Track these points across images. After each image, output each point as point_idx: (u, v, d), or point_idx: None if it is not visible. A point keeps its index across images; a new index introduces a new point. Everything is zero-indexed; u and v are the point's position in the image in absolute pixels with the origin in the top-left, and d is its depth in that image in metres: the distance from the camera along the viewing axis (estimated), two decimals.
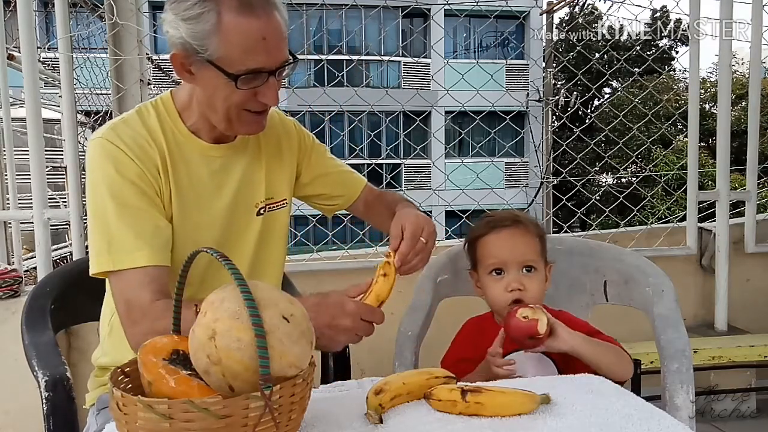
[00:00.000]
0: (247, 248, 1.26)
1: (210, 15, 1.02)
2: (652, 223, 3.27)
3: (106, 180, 1.10)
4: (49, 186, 2.15)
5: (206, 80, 1.09)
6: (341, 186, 1.43)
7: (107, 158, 1.10)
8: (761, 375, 2.51)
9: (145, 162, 1.12)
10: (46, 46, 4.39)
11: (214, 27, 1.03)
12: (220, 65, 1.05)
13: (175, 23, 1.05)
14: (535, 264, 1.27)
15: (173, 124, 1.18)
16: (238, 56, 1.04)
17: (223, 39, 1.03)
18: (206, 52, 1.04)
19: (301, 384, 0.77)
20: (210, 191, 1.20)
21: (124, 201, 1.09)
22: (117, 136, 1.12)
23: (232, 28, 1.03)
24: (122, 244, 1.07)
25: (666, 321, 1.39)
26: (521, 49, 16.41)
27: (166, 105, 1.20)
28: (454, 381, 0.98)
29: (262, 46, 1.05)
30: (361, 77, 14.40)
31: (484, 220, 1.35)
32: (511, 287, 1.25)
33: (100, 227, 1.10)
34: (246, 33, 1.03)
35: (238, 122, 1.14)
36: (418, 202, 3.72)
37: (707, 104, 14.10)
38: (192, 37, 1.04)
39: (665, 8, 11.13)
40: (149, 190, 1.12)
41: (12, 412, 2.01)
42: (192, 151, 1.19)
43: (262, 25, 1.04)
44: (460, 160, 4.82)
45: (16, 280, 2.03)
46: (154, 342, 0.84)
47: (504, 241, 1.28)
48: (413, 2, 9.52)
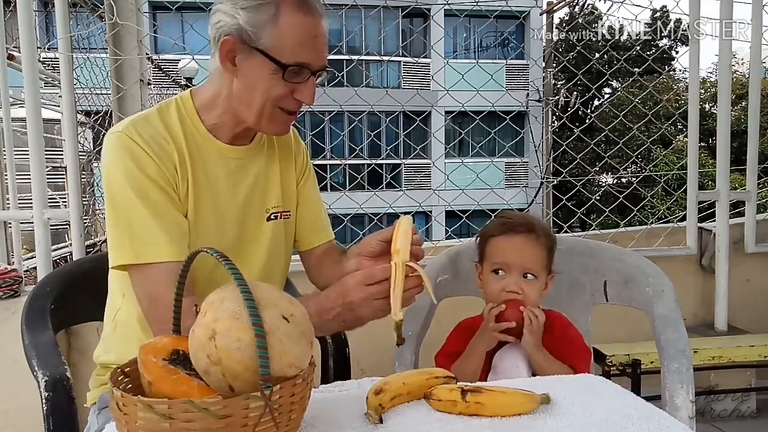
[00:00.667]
0: (259, 254, 1.26)
1: (269, 7, 1.08)
2: (652, 223, 3.27)
3: (126, 174, 1.10)
4: (49, 186, 2.14)
5: (251, 70, 1.11)
6: (311, 226, 1.38)
7: (127, 153, 1.11)
8: (761, 375, 2.51)
9: (164, 159, 1.13)
10: (46, 46, 4.39)
11: (273, 18, 1.08)
12: (271, 54, 1.09)
13: (232, 11, 1.09)
14: (537, 273, 1.31)
15: (192, 124, 1.19)
16: (290, 48, 1.09)
17: (279, 30, 1.08)
18: (259, 40, 1.08)
19: (301, 384, 0.77)
20: (225, 191, 1.21)
21: (146, 195, 1.10)
22: (137, 132, 1.12)
23: (288, 21, 1.08)
24: (145, 236, 1.08)
25: (666, 321, 1.39)
26: (521, 49, 16.41)
27: (186, 104, 1.21)
28: (454, 381, 0.98)
29: (312, 43, 1.11)
30: (361, 77, 14.40)
31: (501, 221, 1.37)
32: (510, 289, 1.29)
33: (122, 220, 1.10)
34: (301, 27, 1.09)
35: (269, 119, 1.16)
36: (418, 202, 3.74)
37: (707, 104, 14.10)
38: (249, 24, 1.08)
39: (665, 8, 11.15)
40: (167, 187, 1.13)
41: (12, 412, 2.01)
42: (210, 152, 1.20)
43: (315, 24, 1.11)
44: (460, 160, 4.83)
45: (16, 280, 2.03)
46: (154, 342, 0.84)
47: (514, 246, 1.31)
48: (413, 2, 9.52)
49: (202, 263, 1.03)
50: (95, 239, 3.88)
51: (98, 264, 1.29)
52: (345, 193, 2.83)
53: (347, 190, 2.88)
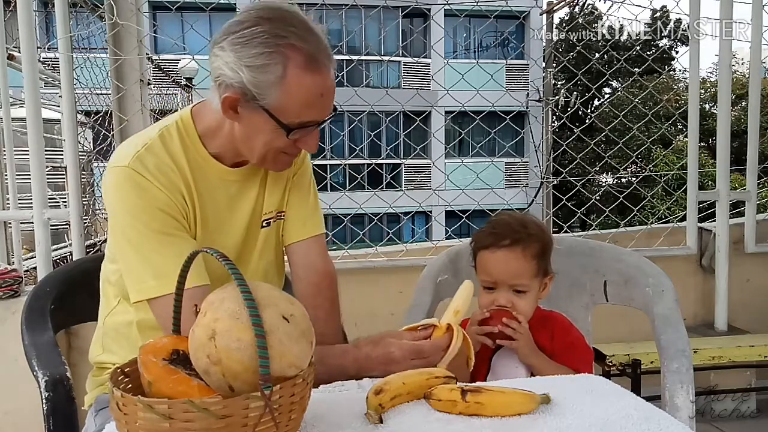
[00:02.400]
0: (253, 258, 1.27)
1: (276, 68, 1.02)
2: (652, 223, 3.27)
3: (137, 208, 1.10)
4: (49, 186, 2.14)
5: (252, 123, 1.09)
6: (299, 219, 1.33)
7: (135, 187, 1.10)
8: (761, 375, 2.51)
9: (172, 190, 1.12)
10: (46, 46, 4.38)
11: (279, 79, 1.03)
12: (276, 115, 1.06)
13: (236, 66, 1.03)
14: (526, 287, 1.27)
15: (194, 149, 1.17)
16: (296, 109, 1.06)
17: (285, 91, 1.04)
18: (263, 99, 1.04)
19: (301, 384, 0.77)
20: (228, 213, 1.22)
21: (159, 229, 1.10)
22: (143, 165, 1.11)
23: (295, 83, 1.04)
24: (165, 269, 1.07)
25: (666, 321, 1.39)
26: (521, 49, 16.41)
27: (187, 127, 1.18)
28: (454, 381, 0.98)
29: (319, 102, 1.07)
30: (361, 77, 14.40)
31: (489, 229, 1.32)
32: (498, 303, 1.26)
33: (139, 256, 1.10)
34: (308, 89, 1.05)
35: (272, 162, 1.16)
36: (418, 202, 3.73)
37: (707, 104, 14.10)
38: (253, 85, 1.03)
39: (665, 8, 11.13)
40: (178, 216, 1.13)
41: (12, 412, 2.01)
42: (212, 174, 1.19)
43: (323, 82, 1.06)
44: (460, 160, 4.83)
45: (16, 280, 2.03)
46: (154, 342, 0.84)
47: (497, 262, 1.27)
48: (413, 2, 9.52)
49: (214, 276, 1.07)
50: (95, 239, 3.88)
51: (98, 264, 1.29)
52: (345, 193, 2.83)
53: (347, 190, 2.88)
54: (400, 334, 1.14)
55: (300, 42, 1.03)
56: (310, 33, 1.05)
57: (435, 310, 1.54)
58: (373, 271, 2.43)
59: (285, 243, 1.34)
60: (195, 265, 1.08)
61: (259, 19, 1.03)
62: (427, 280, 1.59)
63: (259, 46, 1.02)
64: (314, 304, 1.27)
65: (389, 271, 2.44)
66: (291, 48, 1.02)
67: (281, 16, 1.04)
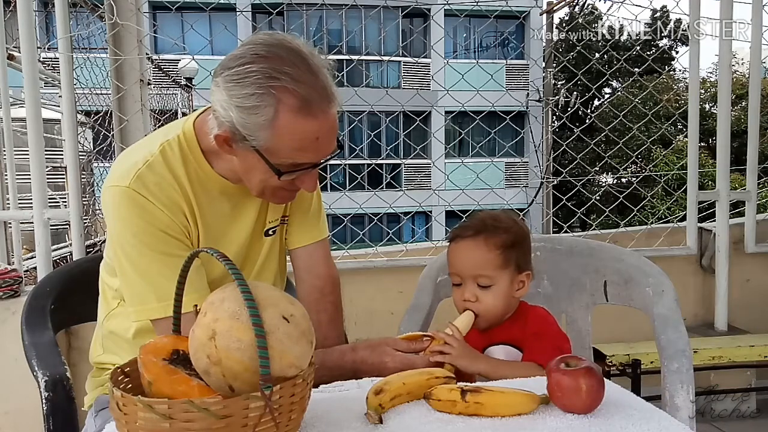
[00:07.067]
0: (256, 264, 1.27)
1: (267, 110, 0.98)
2: (652, 223, 3.27)
3: (138, 230, 1.08)
4: (49, 186, 2.15)
5: (246, 160, 1.06)
6: (303, 224, 1.32)
7: (136, 208, 1.08)
8: (761, 375, 2.51)
9: (173, 209, 1.11)
10: (46, 46, 4.39)
11: (269, 122, 0.98)
12: (266, 156, 1.02)
13: (227, 105, 1.00)
14: (491, 280, 1.21)
15: (197, 164, 1.15)
16: (287, 153, 1.02)
17: (276, 134, 1.00)
18: (253, 141, 1.01)
19: (301, 384, 0.77)
20: (230, 224, 1.21)
21: (162, 250, 1.09)
22: (143, 186, 1.08)
23: (286, 127, 0.99)
24: (168, 290, 1.02)
25: (666, 321, 1.38)
26: (521, 49, 16.41)
27: (190, 142, 1.15)
28: (454, 381, 0.98)
29: (314, 146, 1.03)
30: (361, 77, 14.40)
31: (458, 224, 1.29)
32: (465, 298, 1.23)
33: (141, 276, 1.09)
34: (300, 134, 1.00)
35: (271, 196, 1.14)
36: (418, 202, 3.72)
37: (707, 104, 14.10)
38: (242, 126, 1.00)
39: (665, 8, 11.15)
40: (181, 236, 1.12)
41: (12, 412, 2.01)
42: (213, 187, 1.17)
43: (318, 126, 1.01)
44: (460, 160, 4.83)
45: (16, 280, 2.03)
46: (154, 342, 0.84)
47: (459, 253, 1.24)
48: (413, 2, 9.51)
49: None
50: (95, 239, 3.88)
51: (98, 264, 1.29)
52: (345, 193, 2.83)
53: (347, 190, 2.88)
54: (398, 343, 1.14)
55: (294, 84, 0.97)
56: (309, 73, 0.99)
57: (435, 311, 1.54)
58: (373, 271, 2.43)
59: (289, 247, 1.34)
60: (196, 285, 1.08)
61: (255, 57, 0.98)
62: (427, 280, 1.59)
63: (251, 87, 0.97)
64: (317, 308, 1.28)
65: (389, 271, 2.44)
66: (284, 91, 0.97)
67: (278, 55, 0.99)
